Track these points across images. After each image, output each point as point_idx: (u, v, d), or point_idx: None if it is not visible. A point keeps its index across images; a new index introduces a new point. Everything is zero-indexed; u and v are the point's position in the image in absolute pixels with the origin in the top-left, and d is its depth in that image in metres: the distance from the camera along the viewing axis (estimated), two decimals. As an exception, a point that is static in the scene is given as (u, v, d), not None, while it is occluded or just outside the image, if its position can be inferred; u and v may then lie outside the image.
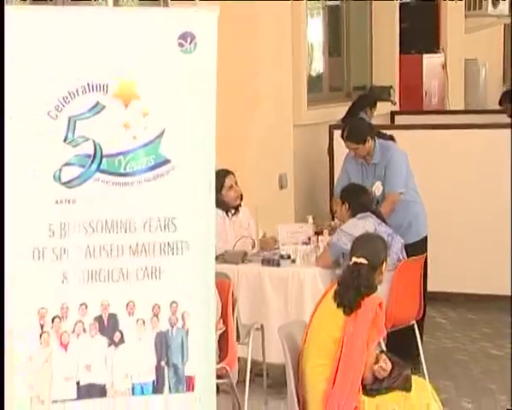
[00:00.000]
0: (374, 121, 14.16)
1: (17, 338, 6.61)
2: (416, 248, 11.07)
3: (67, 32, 6.79)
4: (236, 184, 10.96)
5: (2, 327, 5.81)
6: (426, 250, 11.27)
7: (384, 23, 16.84)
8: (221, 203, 10.68)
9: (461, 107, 17.26)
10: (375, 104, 14.60)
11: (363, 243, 8.46)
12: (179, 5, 11.43)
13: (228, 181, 10.85)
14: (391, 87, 16.45)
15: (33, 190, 6.66)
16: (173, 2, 11.94)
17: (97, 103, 6.71)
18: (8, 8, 7.42)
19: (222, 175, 10.72)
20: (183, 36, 6.88)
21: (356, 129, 11.62)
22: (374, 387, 7.77)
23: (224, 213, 10.86)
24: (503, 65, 20.72)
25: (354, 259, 8.21)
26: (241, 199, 11.07)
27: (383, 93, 16.07)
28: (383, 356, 7.92)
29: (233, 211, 11.00)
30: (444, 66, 17.20)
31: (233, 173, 10.94)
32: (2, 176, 6.43)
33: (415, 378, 8.11)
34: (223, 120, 7.26)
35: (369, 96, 15.23)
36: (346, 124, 11.91)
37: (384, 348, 8.06)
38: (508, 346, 11.62)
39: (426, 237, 11.39)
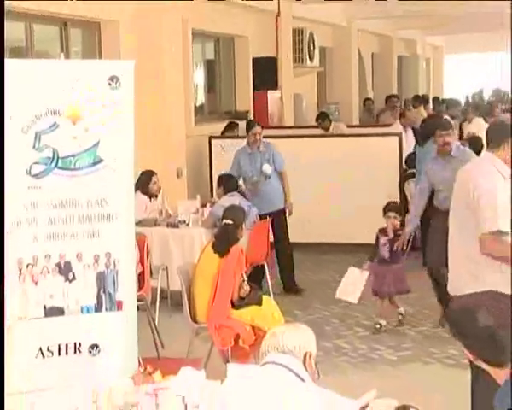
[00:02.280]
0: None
1: (5, 280, 6.43)
2: (279, 214, 11.11)
3: (35, 77, 6.69)
4: (158, 181, 10.84)
5: (3, 324, 5.45)
6: (284, 216, 11.25)
7: (243, 71, 16.77)
8: (147, 192, 10.72)
9: (291, 123, 17.22)
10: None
11: (230, 210, 8.55)
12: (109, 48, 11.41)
13: (153, 179, 10.74)
14: (247, 111, 16.39)
15: (13, 181, 6.48)
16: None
17: (54, 123, 6.59)
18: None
19: (150, 175, 10.71)
20: (111, 78, 6.79)
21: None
22: (238, 303, 7.79)
23: (148, 199, 10.74)
24: (316, 97, 20.75)
25: (224, 221, 8.28)
26: (160, 190, 10.88)
27: (243, 115, 16.03)
28: (245, 283, 7.90)
29: (154, 197, 10.88)
30: (281, 98, 17.17)
31: (156, 174, 10.83)
32: (2, 173, 6.32)
33: (264, 297, 8.16)
34: (142, 132, 7.13)
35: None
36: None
37: (245, 278, 7.99)
38: (321, 272, 11.63)
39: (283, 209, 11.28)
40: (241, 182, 11.23)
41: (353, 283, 9.14)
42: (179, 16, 12.92)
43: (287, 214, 11.36)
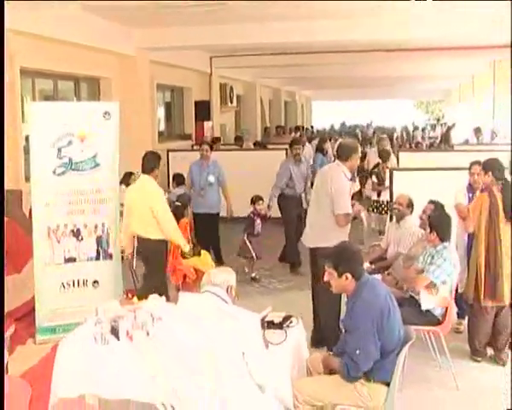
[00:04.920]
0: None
1: (39, 243, 6.49)
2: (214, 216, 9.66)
3: (59, 112, 6.65)
4: (135, 178, 10.15)
5: (3, 323, 5.07)
6: (218, 218, 9.73)
7: (188, 109, 16.66)
8: (128, 185, 9.81)
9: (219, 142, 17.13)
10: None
11: (180, 197, 8.44)
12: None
13: (132, 177, 10.02)
14: (191, 134, 16.27)
15: (44, 178, 6.47)
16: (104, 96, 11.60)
17: (70, 141, 6.54)
18: (33, 103, 7.29)
19: (129, 174, 10.00)
20: (105, 112, 6.78)
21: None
22: (185, 255, 7.57)
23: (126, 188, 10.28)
24: (234, 125, 20.70)
25: (176, 203, 8.15)
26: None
27: (189, 137, 15.89)
28: (190, 242, 7.78)
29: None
30: (212, 126, 17.02)
31: (134, 173, 10.05)
32: (2, 172, 6.24)
33: (202, 251, 7.92)
34: (124, 147, 7.05)
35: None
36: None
37: (190, 238, 7.89)
38: (235, 238, 11.42)
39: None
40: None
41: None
42: (149, 74, 12.83)
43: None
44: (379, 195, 11.24)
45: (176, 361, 3.81)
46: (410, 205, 7.03)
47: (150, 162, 6.89)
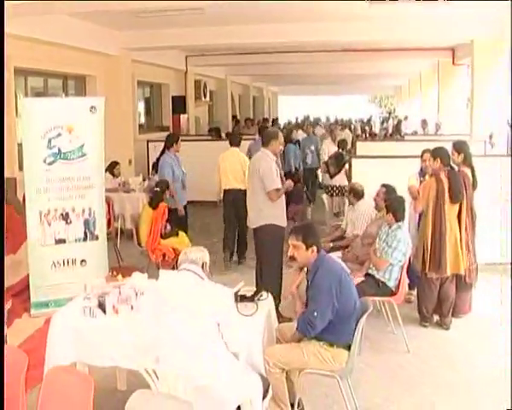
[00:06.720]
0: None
1: (32, 226, 6.42)
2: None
3: (49, 107, 6.53)
4: (119, 167, 10.30)
5: (3, 322, 5.03)
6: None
7: (166, 103, 16.54)
8: (112, 173, 10.14)
9: (194, 133, 16.98)
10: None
11: (159, 182, 8.16)
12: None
13: (116, 166, 10.25)
14: (169, 126, 16.10)
15: (35, 167, 6.39)
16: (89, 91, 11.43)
17: (59, 133, 6.45)
18: (25, 99, 7.17)
19: (114, 163, 10.20)
20: (92, 107, 6.70)
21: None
22: (164, 235, 7.61)
23: (112, 177, 10.03)
24: (208, 118, 20.51)
25: (156, 189, 7.98)
26: (119, 172, 10.33)
27: (167, 129, 15.70)
28: (167, 224, 7.74)
29: (116, 176, 10.16)
30: (188, 119, 16.91)
31: (118, 163, 10.37)
32: (2, 169, 6.11)
33: (180, 232, 7.90)
34: (109, 138, 6.95)
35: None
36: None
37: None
38: (205, 219, 11.45)
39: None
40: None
41: None
42: (130, 72, 12.70)
43: None
44: (349, 181, 11.21)
45: (158, 332, 3.79)
46: (351, 191, 7.13)
47: (236, 139, 8.67)
